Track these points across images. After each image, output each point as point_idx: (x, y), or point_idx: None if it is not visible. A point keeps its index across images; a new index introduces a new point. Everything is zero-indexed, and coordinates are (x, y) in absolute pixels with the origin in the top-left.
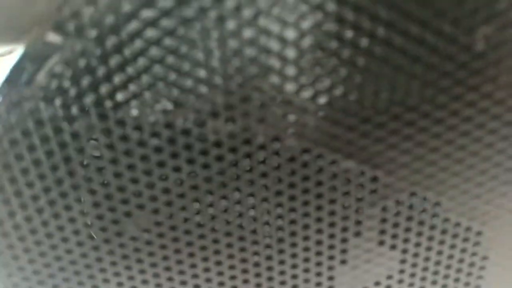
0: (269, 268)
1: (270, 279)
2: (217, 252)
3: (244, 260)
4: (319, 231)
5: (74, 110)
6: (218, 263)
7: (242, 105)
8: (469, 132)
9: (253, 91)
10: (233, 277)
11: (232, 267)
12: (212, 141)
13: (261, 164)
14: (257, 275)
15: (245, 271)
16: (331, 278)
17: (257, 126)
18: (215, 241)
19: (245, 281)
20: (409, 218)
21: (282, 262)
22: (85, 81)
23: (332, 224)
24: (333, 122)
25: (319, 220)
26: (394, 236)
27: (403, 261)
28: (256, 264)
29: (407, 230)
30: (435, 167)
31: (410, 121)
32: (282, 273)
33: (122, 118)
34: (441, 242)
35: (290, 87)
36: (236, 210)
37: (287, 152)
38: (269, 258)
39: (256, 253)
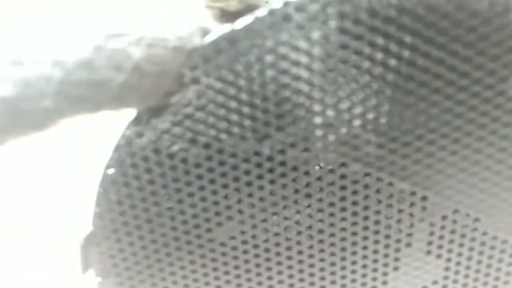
0: (332, 273)
1: (333, 282)
2: (289, 258)
3: (311, 265)
4: (377, 242)
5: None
6: (289, 267)
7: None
8: (504, 160)
9: (326, 128)
10: (301, 280)
11: (301, 271)
12: (290, 166)
13: (330, 185)
14: (322, 278)
15: (311, 274)
16: (384, 283)
17: (327, 154)
18: (288, 248)
19: (311, 284)
20: (453, 232)
21: (343, 268)
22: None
23: (387, 236)
24: (390, 151)
25: (376, 232)
26: (440, 247)
27: (447, 269)
28: (322, 269)
29: (451, 242)
30: (476, 189)
31: (454, 150)
32: (343, 277)
33: (221, 147)
34: (480, 253)
35: (356, 122)
36: (307, 223)
37: (352, 175)
38: (332, 264)
39: (322, 260)
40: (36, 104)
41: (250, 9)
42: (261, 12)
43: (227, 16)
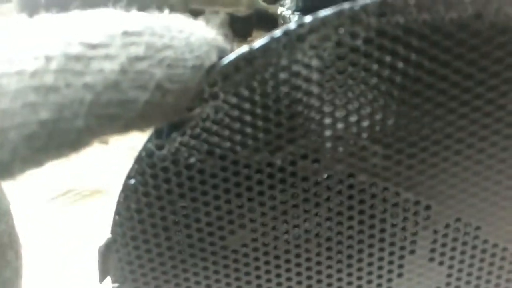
0: (339, 279)
1: None
2: (298, 264)
3: (318, 272)
4: (382, 249)
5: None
6: (298, 273)
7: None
8: (504, 171)
9: (335, 141)
10: (309, 286)
11: (309, 277)
12: (300, 177)
13: (338, 195)
14: (329, 285)
15: (319, 281)
16: None
17: (336, 165)
18: (297, 255)
19: None
20: (455, 239)
21: (349, 274)
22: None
23: (392, 244)
24: (396, 162)
25: (381, 240)
26: (442, 254)
27: (449, 275)
28: (329, 276)
29: (453, 249)
30: (477, 198)
31: (456, 161)
32: (349, 283)
33: (235, 159)
34: (481, 260)
35: (364, 135)
36: (315, 231)
37: (359, 186)
38: (339, 271)
39: (329, 267)
40: (70, 125)
41: (258, 13)
42: (277, 33)
43: (236, 21)
